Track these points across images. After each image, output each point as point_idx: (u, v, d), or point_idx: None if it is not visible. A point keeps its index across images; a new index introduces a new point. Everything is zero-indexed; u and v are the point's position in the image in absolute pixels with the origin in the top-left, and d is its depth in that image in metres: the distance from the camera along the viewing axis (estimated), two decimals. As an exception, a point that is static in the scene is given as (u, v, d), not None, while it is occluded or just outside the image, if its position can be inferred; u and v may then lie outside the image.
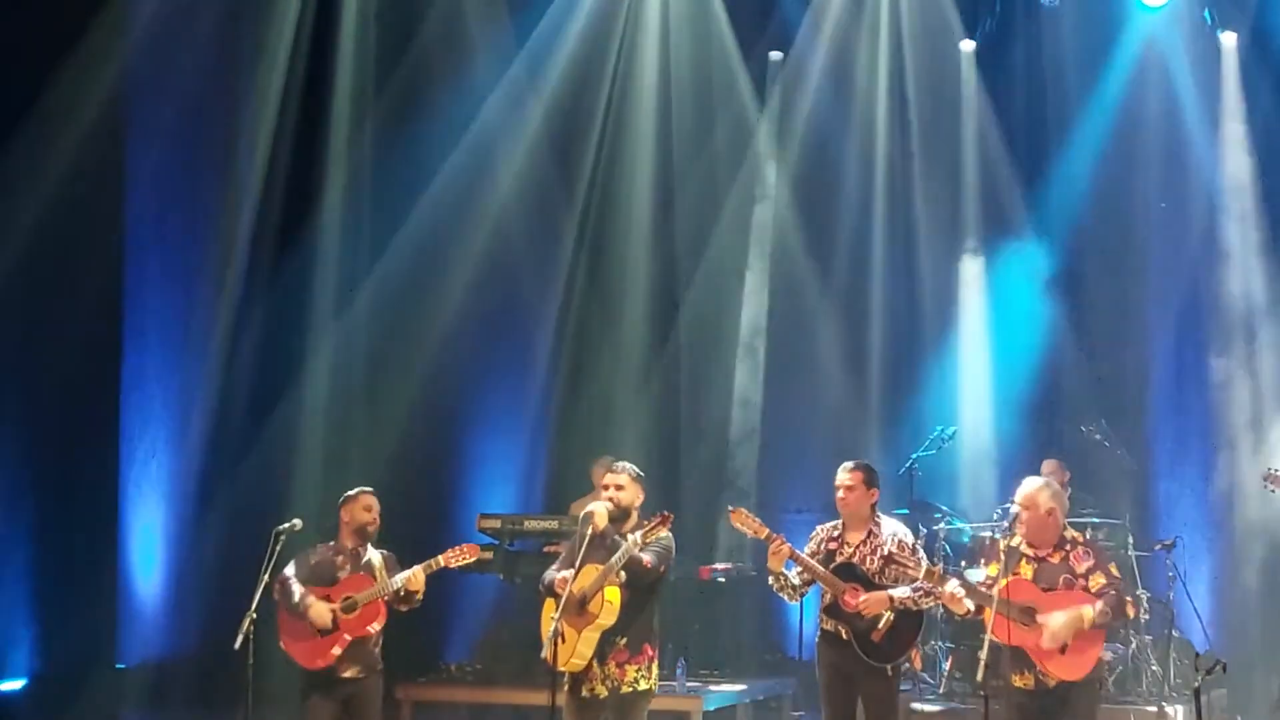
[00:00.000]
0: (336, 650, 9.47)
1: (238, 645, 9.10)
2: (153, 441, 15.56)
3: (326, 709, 9.55)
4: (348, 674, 9.53)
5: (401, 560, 9.87)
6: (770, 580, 9.52)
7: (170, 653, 15.27)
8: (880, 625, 9.22)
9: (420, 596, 9.69)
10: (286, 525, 9.55)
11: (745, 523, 9.61)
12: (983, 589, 8.77)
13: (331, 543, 9.76)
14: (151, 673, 15.15)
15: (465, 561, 9.74)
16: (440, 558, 9.65)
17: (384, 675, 9.89)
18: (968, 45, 16.33)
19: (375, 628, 9.58)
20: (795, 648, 12.97)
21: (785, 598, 9.53)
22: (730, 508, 9.88)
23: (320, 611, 9.46)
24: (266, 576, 9.30)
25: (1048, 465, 13.58)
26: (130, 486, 15.34)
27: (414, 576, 9.56)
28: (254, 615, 9.13)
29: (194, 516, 15.64)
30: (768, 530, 9.49)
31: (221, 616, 11.29)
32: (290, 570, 9.62)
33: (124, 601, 15.17)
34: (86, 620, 14.34)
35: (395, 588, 9.53)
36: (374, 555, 9.73)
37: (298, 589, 9.52)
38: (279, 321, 15.99)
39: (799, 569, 9.39)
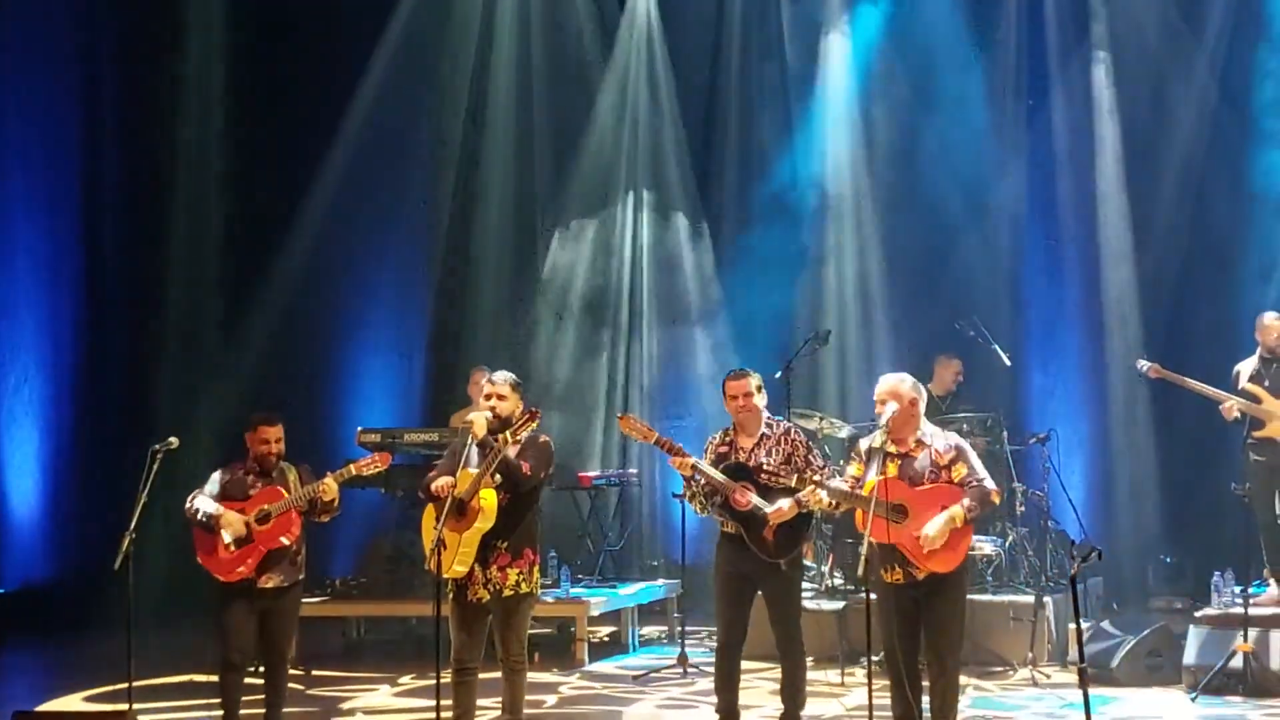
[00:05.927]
0: (250, 561, 9.41)
1: (117, 566, 9.04)
2: (24, 367, 15.40)
3: (243, 622, 9.47)
4: (269, 585, 9.46)
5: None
6: (683, 492, 9.59)
7: (50, 576, 15.17)
8: (770, 522, 9.30)
9: (337, 504, 9.66)
10: (162, 444, 9.47)
11: (634, 428, 9.69)
12: (851, 490, 8.81)
13: (242, 461, 9.69)
14: (31, 597, 15.04)
15: (379, 469, 9.72)
16: (352, 465, 9.60)
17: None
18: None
19: (289, 538, 9.51)
20: (679, 552, 13.03)
21: (696, 509, 9.58)
22: (619, 415, 10.02)
23: (232, 520, 9.39)
24: (144, 496, 9.22)
25: (947, 361, 13.65)
26: (3, 413, 15.20)
27: (326, 485, 9.52)
28: (133, 535, 9.07)
29: (70, 440, 15.52)
30: (657, 434, 9.56)
31: (100, 538, 11.21)
32: (202, 490, 9.54)
33: (1, 526, 15.04)
34: (-37, 547, 14.23)
35: (308, 497, 9.49)
36: (287, 468, 9.67)
37: (208, 505, 9.45)
38: (146, 243, 15.85)
39: (702, 480, 9.42)
